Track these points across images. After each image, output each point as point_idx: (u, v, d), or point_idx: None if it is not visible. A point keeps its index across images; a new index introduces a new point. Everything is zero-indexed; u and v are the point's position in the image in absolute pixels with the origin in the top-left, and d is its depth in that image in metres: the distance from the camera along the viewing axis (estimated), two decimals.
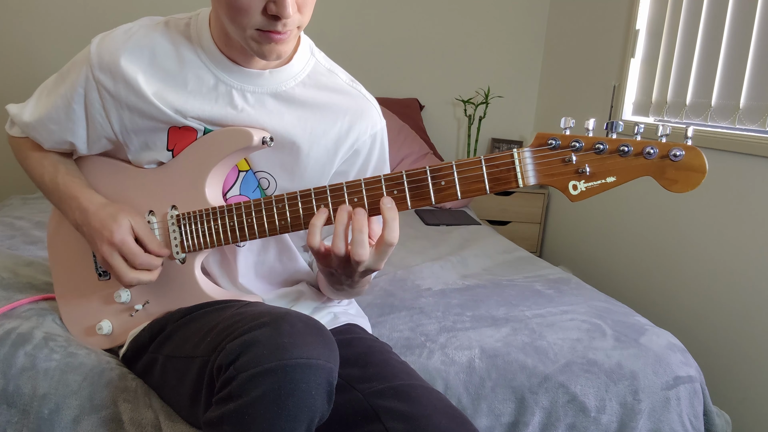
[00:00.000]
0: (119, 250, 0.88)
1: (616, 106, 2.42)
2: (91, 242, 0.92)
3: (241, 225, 0.87)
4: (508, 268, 1.74)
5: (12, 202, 2.16)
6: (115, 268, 0.89)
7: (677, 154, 0.70)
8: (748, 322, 1.71)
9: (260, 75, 0.91)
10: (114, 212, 0.90)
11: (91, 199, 0.93)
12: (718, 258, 1.84)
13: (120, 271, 0.89)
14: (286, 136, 0.92)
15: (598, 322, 1.29)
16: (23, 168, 1.04)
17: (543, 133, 0.75)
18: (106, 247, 0.89)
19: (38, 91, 0.99)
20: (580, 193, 0.74)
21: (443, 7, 2.97)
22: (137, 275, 0.89)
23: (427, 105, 3.05)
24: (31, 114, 0.97)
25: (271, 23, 0.78)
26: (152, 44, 0.90)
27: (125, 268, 0.89)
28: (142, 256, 0.89)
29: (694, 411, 1.16)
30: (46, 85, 0.99)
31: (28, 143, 1.02)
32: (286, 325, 0.71)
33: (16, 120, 1.00)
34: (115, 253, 0.89)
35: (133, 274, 0.89)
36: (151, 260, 0.90)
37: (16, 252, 1.46)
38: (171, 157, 0.94)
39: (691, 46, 2.02)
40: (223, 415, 0.68)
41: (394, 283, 1.51)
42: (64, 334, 1.02)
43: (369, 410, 0.81)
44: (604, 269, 2.49)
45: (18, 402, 0.91)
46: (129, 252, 0.88)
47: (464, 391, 1.09)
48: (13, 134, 1.04)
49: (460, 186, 0.77)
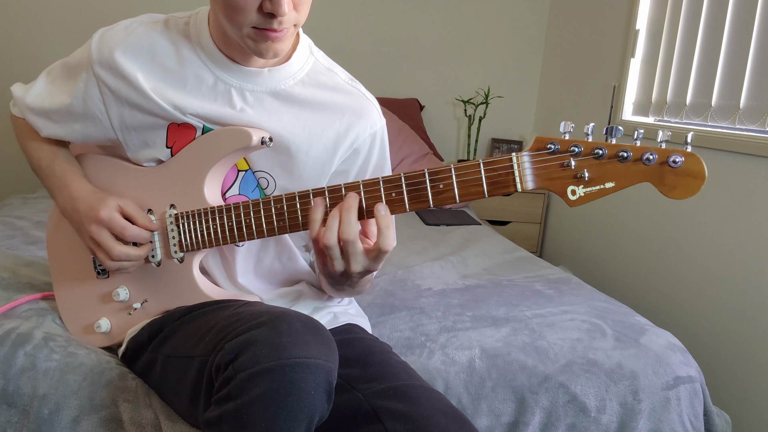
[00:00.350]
0: (107, 226, 0.89)
1: (616, 107, 2.42)
2: (80, 229, 0.92)
3: (240, 225, 0.87)
4: (508, 268, 1.74)
5: (12, 202, 2.16)
6: (103, 244, 0.89)
7: (676, 161, 0.69)
8: (748, 322, 1.71)
9: (259, 73, 0.91)
10: (102, 196, 0.91)
11: (81, 188, 0.94)
12: (718, 258, 1.84)
13: (107, 245, 0.89)
14: (285, 135, 0.92)
15: (598, 322, 1.29)
16: (22, 149, 1.05)
17: (542, 137, 0.74)
18: (93, 227, 0.89)
19: (43, 76, 1.00)
20: (579, 198, 0.74)
21: (443, 7, 2.97)
22: (125, 249, 0.89)
23: (427, 105, 3.05)
24: (33, 99, 0.98)
25: (266, 21, 0.78)
26: (152, 43, 0.90)
27: (113, 242, 0.89)
28: (131, 228, 0.89)
29: (695, 411, 1.16)
30: (52, 70, 1.00)
31: (29, 125, 1.03)
32: (284, 325, 0.71)
33: (18, 102, 1.01)
34: (102, 229, 0.89)
35: (121, 247, 0.89)
36: (140, 233, 0.90)
37: (16, 252, 1.46)
38: (170, 154, 0.94)
39: (691, 46, 2.02)
40: (222, 414, 0.68)
41: (395, 283, 1.51)
42: (64, 334, 1.02)
43: (369, 410, 0.81)
44: (604, 269, 2.48)
45: (18, 402, 0.91)
46: (117, 225, 0.89)
47: (464, 391, 1.09)
48: (15, 113, 1.04)
49: (458, 189, 0.77)
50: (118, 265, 0.91)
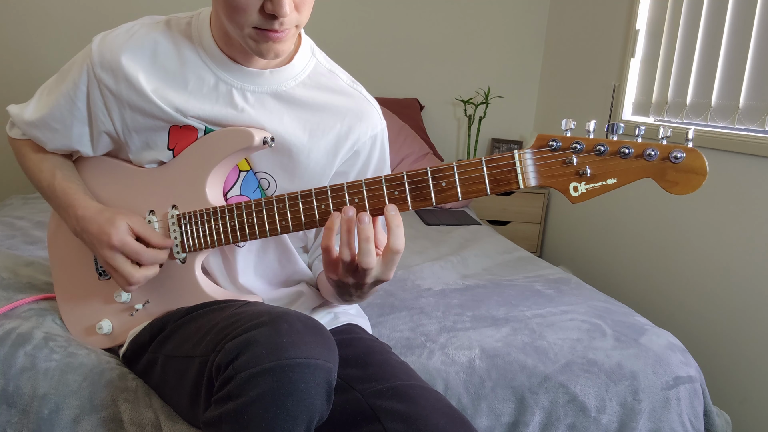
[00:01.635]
0: (121, 251, 0.88)
1: (616, 107, 2.42)
2: (92, 249, 0.92)
3: (242, 225, 0.87)
4: (508, 268, 1.74)
5: (12, 202, 2.16)
6: (120, 270, 0.89)
7: (678, 156, 0.70)
8: (748, 322, 1.71)
9: (261, 74, 0.91)
10: (110, 216, 0.90)
11: (87, 206, 0.93)
12: (718, 258, 1.84)
13: (126, 272, 0.88)
14: (286, 136, 0.92)
15: (598, 322, 1.29)
16: (23, 171, 1.04)
17: (544, 135, 0.75)
18: (107, 251, 0.89)
19: (39, 91, 0.99)
20: (581, 194, 0.74)
21: (443, 7, 2.97)
22: (143, 272, 0.89)
23: (427, 105, 3.05)
24: (32, 113, 0.97)
25: (268, 22, 0.78)
26: (153, 43, 0.90)
27: (130, 268, 0.89)
28: (147, 253, 0.89)
29: (694, 411, 1.16)
30: (47, 84, 0.99)
31: (28, 145, 1.02)
32: (284, 325, 0.71)
33: (16, 120, 1.00)
34: (117, 254, 0.89)
35: (141, 272, 0.89)
36: (156, 255, 0.90)
37: (16, 252, 1.46)
38: (172, 156, 0.94)
39: (691, 46, 2.02)
40: (221, 414, 0.68)
41: (395, 283, 1.51)
42: (64, 334, 1.02)
43: (368, 410, 0.81)
44: (604, 269, 2.49)
45: (18, 402, 0.91)
46: (132, 251, 0.88)
47: (464, 391, 1.09)
48: (13, 136, 1.03)
49: (460, 187, 0.77)
50: (136, 288, 0.91)
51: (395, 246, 0.76)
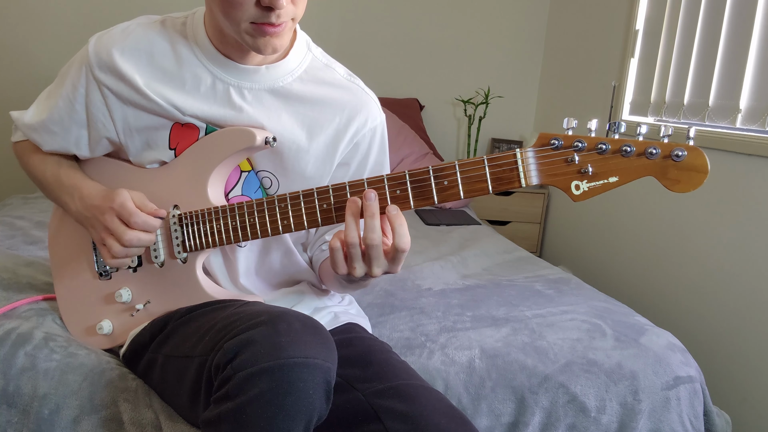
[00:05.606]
0: (118, 212, 0.88)
1: (616, 106, 2.42)
2: (93, 224, 0.91)
3: (244, 225, 0.87)
4: (508, 268, 1.74)
5: (12, 202, 2.15)
6: (114, 230, 0.88)
7: (679, 155, 0.70)
8: (748, 322, 1.71)
9: (257, 71, 0.91)
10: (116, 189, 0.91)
11: (93, 186, 0.94)
12: (718, 258, 1.84)
13: (118, 230, 0.88)
14: (285, 133, 0.92)
15: (598, 322, 1.29)
16: (25, 170, 1.04)
17: (546, 133, 0.75)
18: (107, 216, 0.89)
19: (40, 95, 1.00)
20: (583, 193, 0.74)
21: (443, 7, 2.97)
22: (136, 233, 0.89)
23: (427, 105, 3.05)
24: (32, 117, 0.97)
25: (264, 15, 0.78)
26: (150, 43, 0.90)
27: (123, 228, 0.88)
28: (140, 215, 0.89)
29: (694, 411, 1.16)
30: (48, 88, 0.99)
31: (30, 145, 1.02)
32: (283, 324, 0.71)
33: (18, 123, 1.00)
34: (114, 217, 0.88)
35: (132, 233, 0.88)
36: (147, 219, 0.89)
37: (16, 252, 1.46)
38: (173, 156, 0.94)
39: (689, 46, 2.02)
40: (221, 414, 0.68)
41: (395, 283, 1.51)
42: (64, 334, 1.02)
43: (369, 410, 0.81)
44: (604, 269, 2.49)
45: (18, 402, 0.91)
46: (126, 211, 0.88)
47: (464, 391, 1.09)
48: (16, 139, 1.04)
49: (462, 186, 0.77)
50: (125, 251, 0.90)
51: (400, 245, 0.76)
